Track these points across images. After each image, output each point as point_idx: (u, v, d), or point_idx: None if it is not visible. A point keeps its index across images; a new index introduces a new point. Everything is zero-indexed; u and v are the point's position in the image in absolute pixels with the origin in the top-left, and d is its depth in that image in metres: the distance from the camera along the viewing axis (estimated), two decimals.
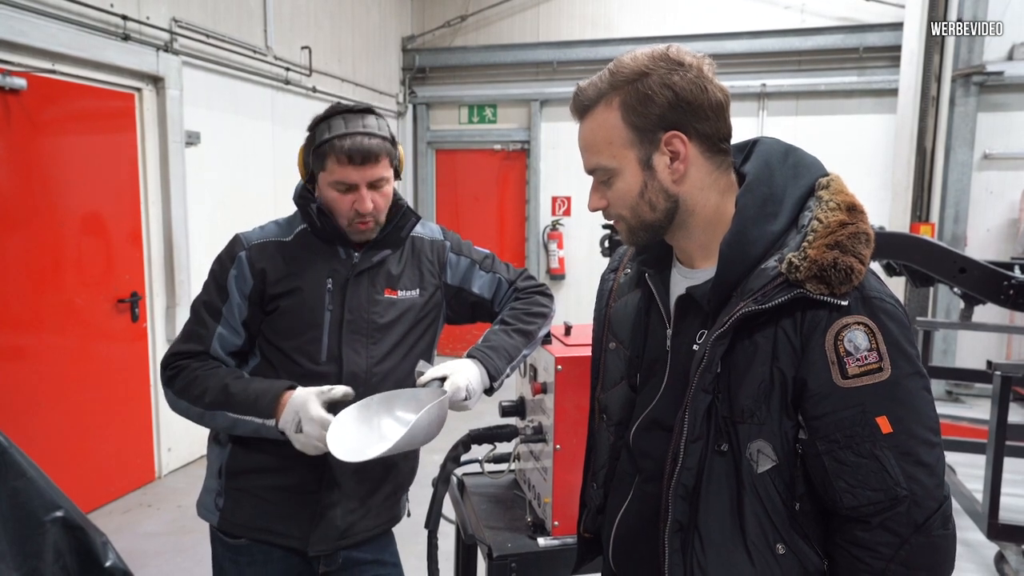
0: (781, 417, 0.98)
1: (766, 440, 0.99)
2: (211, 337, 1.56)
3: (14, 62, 3.38)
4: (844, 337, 0.94)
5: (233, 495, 1.61)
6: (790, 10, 6.70)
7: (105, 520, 3.75)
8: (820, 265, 0.93)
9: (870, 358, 0.93)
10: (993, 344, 6.17)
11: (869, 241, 0.97)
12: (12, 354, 3.51)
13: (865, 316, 0.94)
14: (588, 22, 7.21)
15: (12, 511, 1.44)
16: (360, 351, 1.58)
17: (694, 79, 1.01)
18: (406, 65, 7.67)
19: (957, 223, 6.09)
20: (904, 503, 0.93)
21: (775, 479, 0.99)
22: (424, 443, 1.44)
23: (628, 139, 1.03)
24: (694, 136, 1.02)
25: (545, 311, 1.74)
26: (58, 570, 1.47)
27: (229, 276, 1.57)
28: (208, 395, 1.51)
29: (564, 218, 7.51)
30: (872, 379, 0.93)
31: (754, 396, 0.98)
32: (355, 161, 1.50)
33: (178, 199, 4.37)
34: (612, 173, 1.06)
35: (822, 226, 0.97)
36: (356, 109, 1.55)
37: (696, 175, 1.04)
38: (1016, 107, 6.00)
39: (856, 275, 0.94)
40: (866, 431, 0.93)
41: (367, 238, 1.60)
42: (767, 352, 0.97)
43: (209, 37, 4.59)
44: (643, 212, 1.06)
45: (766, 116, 6.82)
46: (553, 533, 1.69)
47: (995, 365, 2.99)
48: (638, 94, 1.01)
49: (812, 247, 0.95)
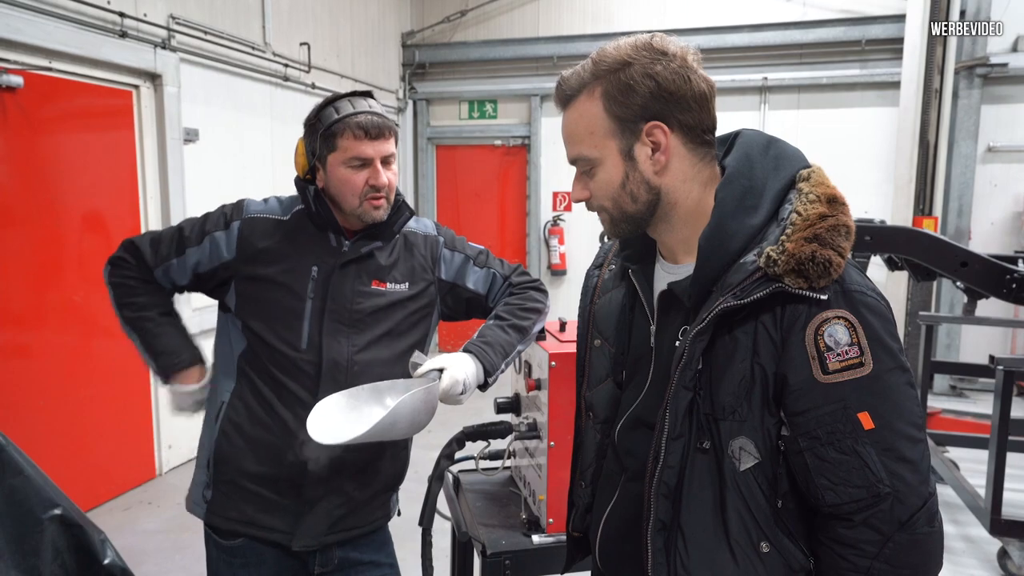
0: (763, 414, 0.97)
1: (748, 437, 0.97)
2: (164, 261, 1.63)
3: (10, 60, 3.37)
4: (824, 332, 0.92)
5: (221, 487, 1.61)
6: (791, 2, 6.65)
7: (105, 517, 3.76)
8: (798, 259, 0.92)
9: (851, 353, 0.92)
10: (997, 338, 6.13)
11: (849, 233, 0.95)
12: (12, 351, 3.52)
13: (845, 310, 0.92)
14: (588, 16, 7.18)
15: (9, 509, 1.44)
16: (341, 340, 1.58)
17: (677, 69, 0.99)
18: (406, 61, 7.65)
19: (961, 217, 6.06)
20: (887, 500, 0.92)
21: (758, 476, 0.98)
22: (410, 432, 1.42)
23: (610, 129, 1.02)
24: (676, 127, 1.01)
25: (539, 307, 1.73)
26: (56, 568, 1.47)
27: (215, 233, 1.61)
28: (129, 311, 1.63)
29: (565, 213, 7.49)
30: (853, 374, 0.92)
31: (735, 393, 0.97)
32: (370, 135, 1.53)
33: (177, 196, 4.37)
34: (594, 163, 1.05)
35: (801, 219, 0.95)
36: (356, 93, 1.59)
37: (678, 167, 1.03)
38: (1020, 99, 5.96)
39: (835, 268, 0.92)
40: (848, 427, 0.92)
41: (379, 218, 1.59)
42: (747, 348, 0.96)
43: (207, 34, 4.58)
44: (624, 203, 1.05)
45: (768, 110, 6.78)
46: (548, 530, 1.69)
47: (998, 360, 2.97)
48: (620, 84, 1.00)
49: (790, 240, 0.93)
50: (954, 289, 5.41)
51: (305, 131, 1.60)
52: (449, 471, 1.91)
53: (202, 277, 1.63)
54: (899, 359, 0.94)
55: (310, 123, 1.58)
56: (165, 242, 1.62)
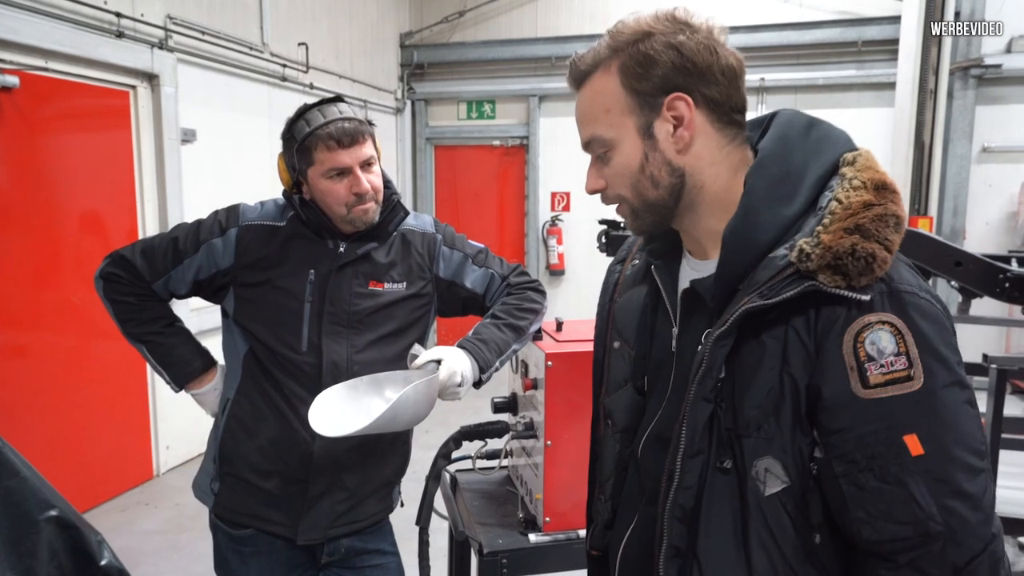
0: (793, 432, 0.84)
1: (775, 458, 0.84)
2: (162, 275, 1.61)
3: (7, 60, 3.37)
4: (866, 339, 0.79)
5: (227, 481, 1.63)
6: (789, 4, 6.67)
7: (103, 518, 3.76)
8: (835, 252, 0.80)
9: (897, 364, 0.78)
10: (993, 338, 6.16)
11: (900, 224, 0.82)
12: (9, 352, 3.52)
13: (892, 313, 0.80)
14: (586, 17, 7.18)
15: (6, 511, 1.45)
16: (341, 341, 1.59)
17: (703, 40, 0.90)
18: (404, 61, 7.65)
19: (956, 216, 6.08)
20: (938, 541, 0.78)
21: (786, 503, 0.85)
22: (412, 424, 1.43)
23: (627, 105, 0.92)
24: (701, 102, 0.90)
25: (536, 307, 1.74)
26: (53, 569, 1.48)
27: (212, 241, 1.60)
28: (133, 326, 1.63)
29: (563, 213, 7.50)
30: (899, 389, 0.78)
31: (761, 406, 0.85)
32: (343, 143, 1.51)
33: (174, 196, 4.37)
34: (610, 145, 0.94)
35: (842, 207, 0.83)
36: (325, 100, 1.58)
37: (704, 147, 0.92)
38: (1015, 100, 5.98)
39: (880, 264, 0.80)
40: (892, 452, 0.79)
41: (370, 221, 1.60)
42: (777, 355, 0.84)
43: (204, 34, 4.58)
44: (645, 190, 0.93)
45: (765, 110, 6.77)
46: (544, 529, 1.69)
47: (991, 358, 2.99)
48: (639, 55, 0.90)
49: (828, 231, 0.81)
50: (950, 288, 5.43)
51: (283, 145, 1.60)
52: (446, 471, 1.92)
53: (201, 284, 1.63)
54: (957, 373, 0.80)
55: (285, 138, 1.58)
56: (160, 254, 1.61)
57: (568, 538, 1.68)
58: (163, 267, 1.61)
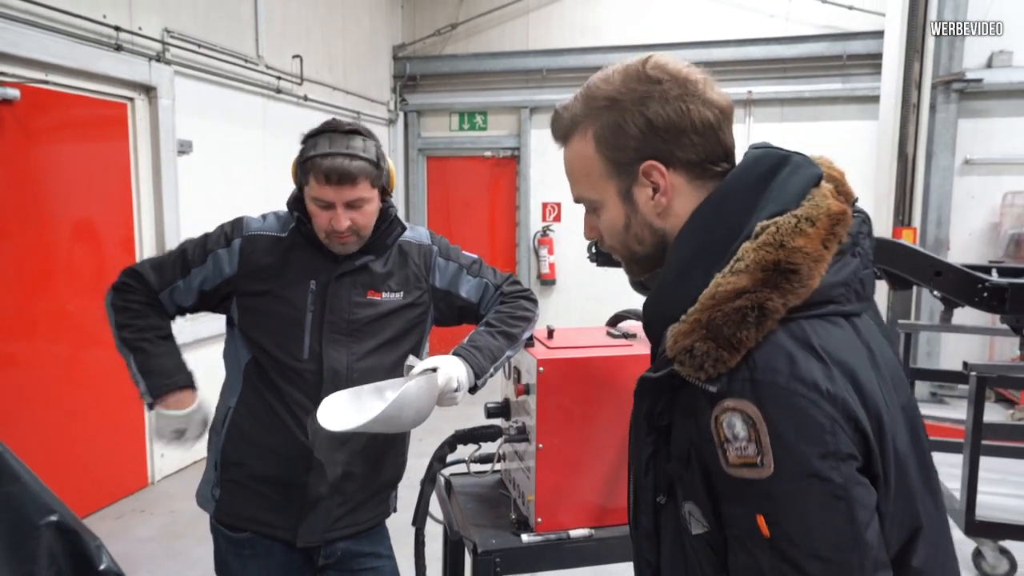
0: (704, 486, 0.84)
1: (696, 504, 0.85)
2: (169, 284, 1.66)
3: (7, 73, 3.41)
4: (723, 421, 0.79)
5: (228, 487, 1.68)
6: (775, 18, 6.80)
7: (98, 525, 3.77)
8: (677, 348, 0.82)
9: (748, 449, 0.77)
10: (976, 346, 6.26)
11: (764, 318, 0.78)
12: (5, 361, 3.54)
13: (749, 401, 0.77)
14: (577, 30, 7.29)
15: (6, 515, 1.48)
16: (341, 349, 1.65)
17: (676, 97, 0.88)
18: (397, 73, 7.72)
19: (940, 227, 6.18)
20: None
21: (712, 543, 0.85)
22: (411, 425, 1.49)
23: (606, 171, 0.93)
24: (677, 165, 0.90)
25: (529, 315, 1.80)
26: (52, 573, 1.51)
27: (218, 251, 1.65)
28: (128, 332, 1.64)
29: (554, 224, 7.58)
30: (751, 473, 0.78)
31: (680, 456, 0.86)
32: (331, 181, 1.55)
33: (170, 207, 4.41)
34: (596, 205, 0.97)
35: (707, 295, 0.81)
36: (344, 129, 1.60)
37: (683, 206, 0.91)
38: (996, 113, 6.10)
39: (714, 364, 0.79)
40: (749, 526, 0.79)
41: (346, 251, 1.65)
42: (692, 409, 0.84)
43: (201, 47, 4.64)
44: (631, 246, 0.97)
45: (752, 123, 6.92)
46: (536, 529, 1.74)
47: (971, 366, 3.07)
48: (610, 124, 0.91)
49: (685, 322, 0.82)
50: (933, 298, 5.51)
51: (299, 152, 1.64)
52: (441, 474, 1.97)
53: (206, 295, 1.67)
54: (810, 466, 0.76)
55: (300, 145, 1.63)
56: (168, 265, 1.66)
57: (559, 538, 1.73)
58: (171, 276, 1.65)
